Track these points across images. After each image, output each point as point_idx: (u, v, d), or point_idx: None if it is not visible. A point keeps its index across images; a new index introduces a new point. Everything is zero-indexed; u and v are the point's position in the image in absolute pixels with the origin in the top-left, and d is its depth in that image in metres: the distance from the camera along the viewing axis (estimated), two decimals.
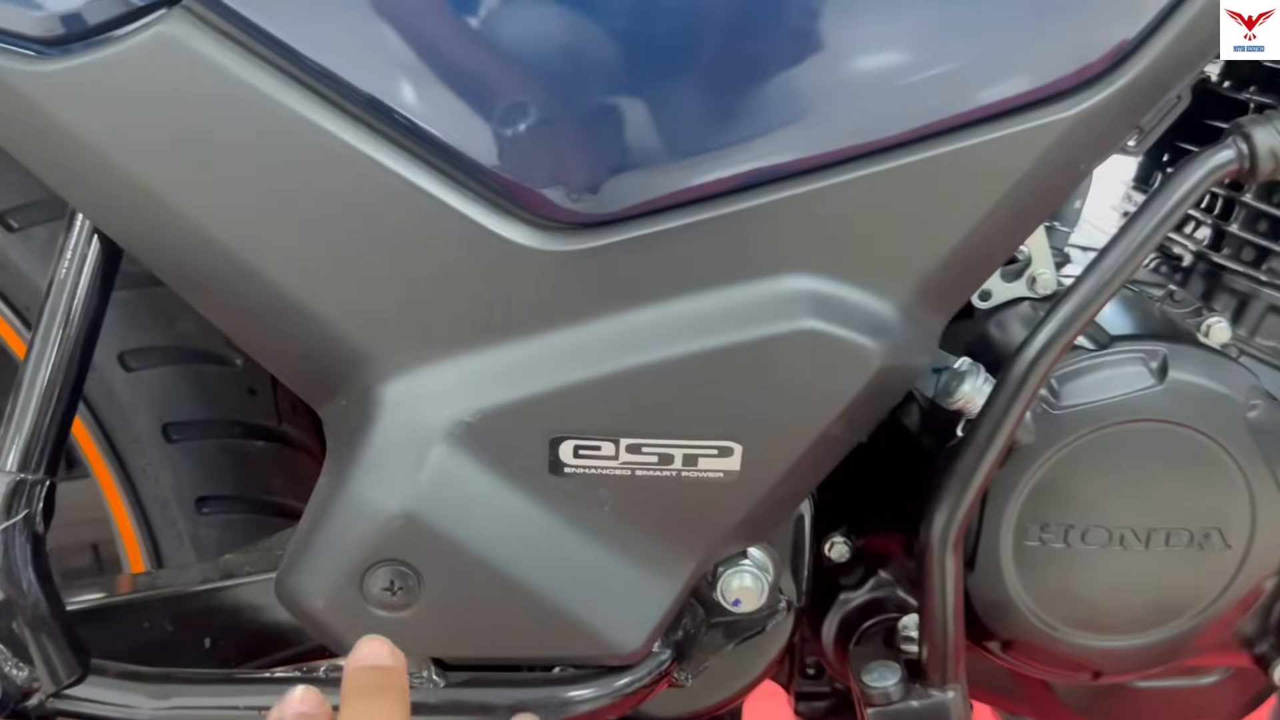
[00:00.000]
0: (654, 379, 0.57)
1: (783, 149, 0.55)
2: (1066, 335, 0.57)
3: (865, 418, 0.60)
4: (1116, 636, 0.66)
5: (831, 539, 0.73)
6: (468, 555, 0.58)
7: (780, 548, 0.67)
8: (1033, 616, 0.66)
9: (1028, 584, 0.65)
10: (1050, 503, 0.63)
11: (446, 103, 0.54)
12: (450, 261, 0.56)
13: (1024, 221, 0.59)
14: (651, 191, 0.55)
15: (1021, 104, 0.54)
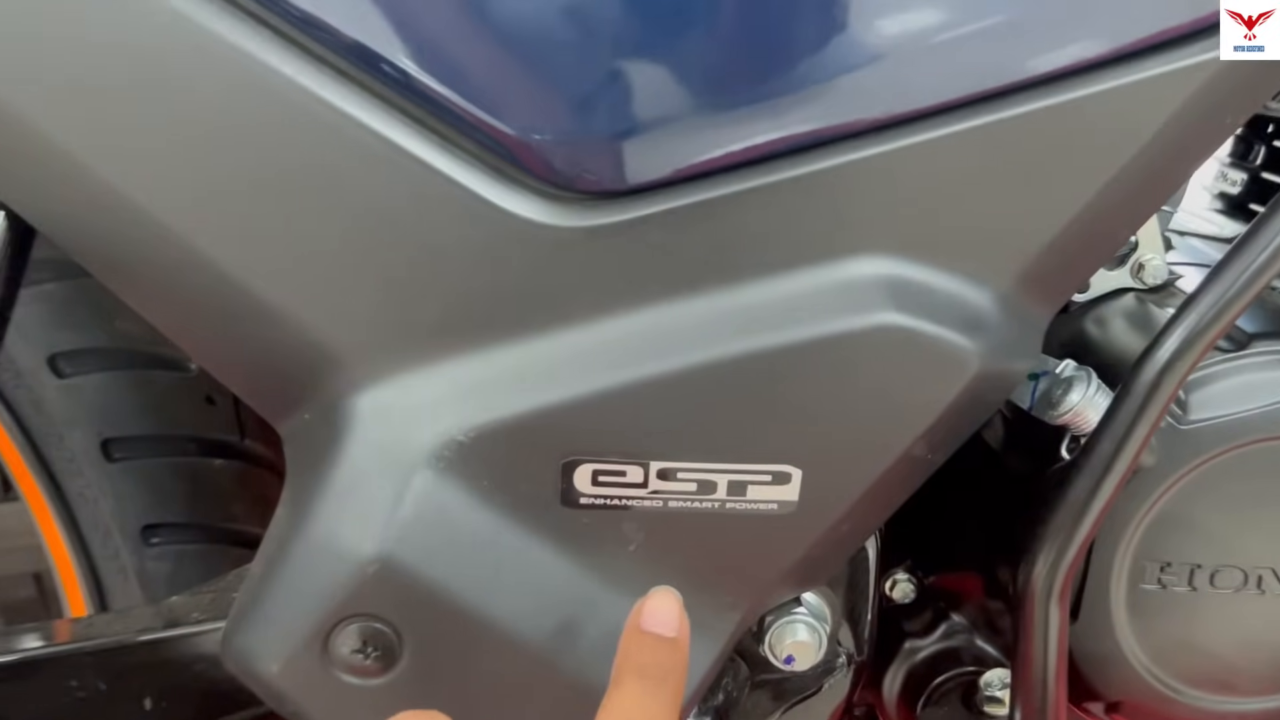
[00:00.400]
0: (692, 388, 0.45)
1: (856, 98, 0.43)
2: (1209, 335, 0.45)
3: (953, 435, 0.49)
4: (1248, 698, 0.55)
5: (893, 575, 0.62)
6: (459, 609, 0.46)
7: (839, 590, 0.56)
8: (1147, 674, 0.54)
9: (1142, 635, 0.54)
10: (1173, 538, 0.52)
11: (436, 43, 0.42)
12: (440, 242, 0.44)
13: (1158, 186, 0.47)
14: (691, 152, 0.44)
15: (1166, 39, 0.43)
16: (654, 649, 0.42)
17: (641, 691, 0.41)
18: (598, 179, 0.44)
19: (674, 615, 0.43)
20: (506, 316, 0.45)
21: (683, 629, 0.43)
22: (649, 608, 0.43)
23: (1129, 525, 0.52)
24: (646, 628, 0.42)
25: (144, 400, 0.67)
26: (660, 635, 0.42)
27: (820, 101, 0.43)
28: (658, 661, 0.42)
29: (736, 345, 0.45)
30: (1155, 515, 0.52)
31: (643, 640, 0.42)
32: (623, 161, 0.44)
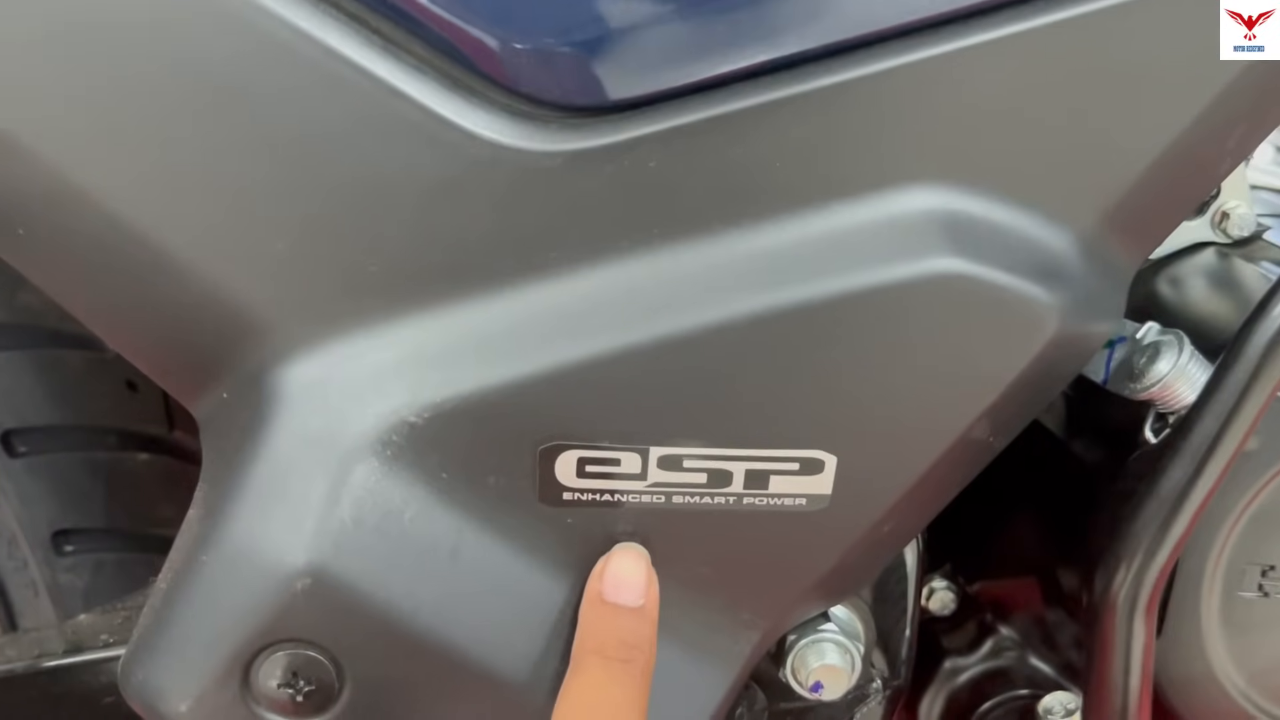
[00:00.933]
0: (701, 354, 0.36)
1: None
2: None
3: (1021, 412, 0.40)
4: None
5: (930, 583, 0.53)
6: (412, 632, 0.37)
7: (873, 601, 0.47)
8: (1241, 697, 0.46)
9: (1238, 652, 0.45)
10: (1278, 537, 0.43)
11: None
12: (384, 171, 0.35)
13: (1271, 108, 0.39)
14: (697, 57, 0.35)
15: None
16: (616, 622, 0.37)
17: (604, 675, 0.36)
18: (581, 91, 0.35)
19: (639, 579, 0.38)
20: (469, 266, 0.36)
21: (651, 594, 0.38)
22: (610, 572, 0.38)
23: (1225, 522, 0.43)
24: (608, 598, 0.38)
25: (53, 385, 0.57)
26: (623, 605, 0.37)
27: None
28: (621, 638, 0.37)
29: (754, 300, 0.36)
30: (1257, 509, 0.43)
31: (603, 612, 0.38)
32: (613, 69, 0.35)
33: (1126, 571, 0.40)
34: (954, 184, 0.36)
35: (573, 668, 0.37)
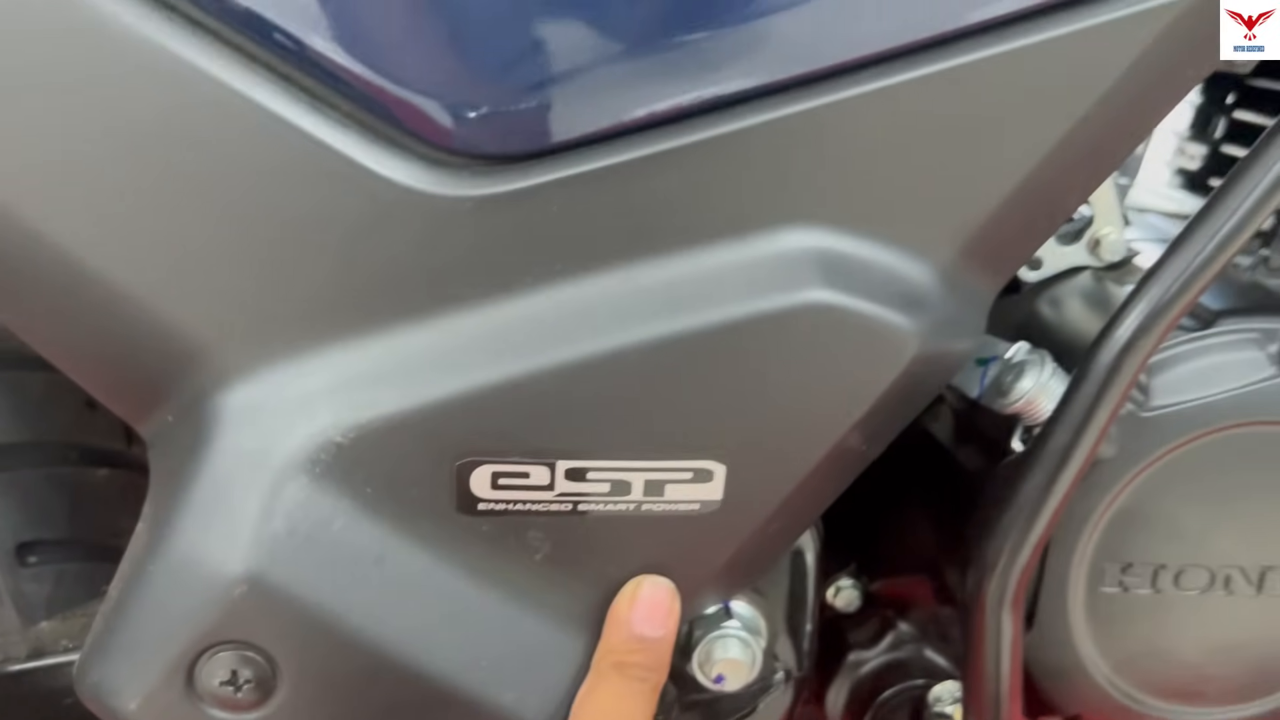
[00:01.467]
0: (601, 377, 0.40)
1: (779, 50, 0.39)
2: (1170, 314, 0.41)
3: (890, 423, 0.44)
4: (1217, 707, 0.51)
5: (837, 582, 0.57)
6: (343, 632, 0.41)
7: (775, 598, 0.51)
8: (1108, 684, 0.50)
9: (1103, 643, 0.49)
10: (1135, 536, 0.48)
11: None
12: (310, 215, 0.39)
13: (1113, 147, 0.43)
14: (596, 111, 0.39)
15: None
16: (640, 647, 0.42)
17: (623, 687, 0.41)
18: (490, 142, 0.39)
19: (664, 614, 0.42)
20: (389, 299, 0.40)
21: (672, 624, 0.43)
22: (642, 602, 0.42)
23: (1087, 523, 0.47)
24: (636, 628, 0.42)
25: (16, 405, 0.60)
26: (648, 637, 0.42)
27: (738, 53, 0.39)
28: (642, 661, 0.42)
29: (649, 328, 0.40)
30: (1115, 512, 0.47)
31: (630, 636, 0.42)
32: (519, 122, 0.39)
33: (994, 570, 0.44)
34: (827, 224, 0.41)
35: (594, 674, 0.42)
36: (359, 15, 0.38)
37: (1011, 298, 0.55)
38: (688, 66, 0.39)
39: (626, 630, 0.42)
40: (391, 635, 0.42)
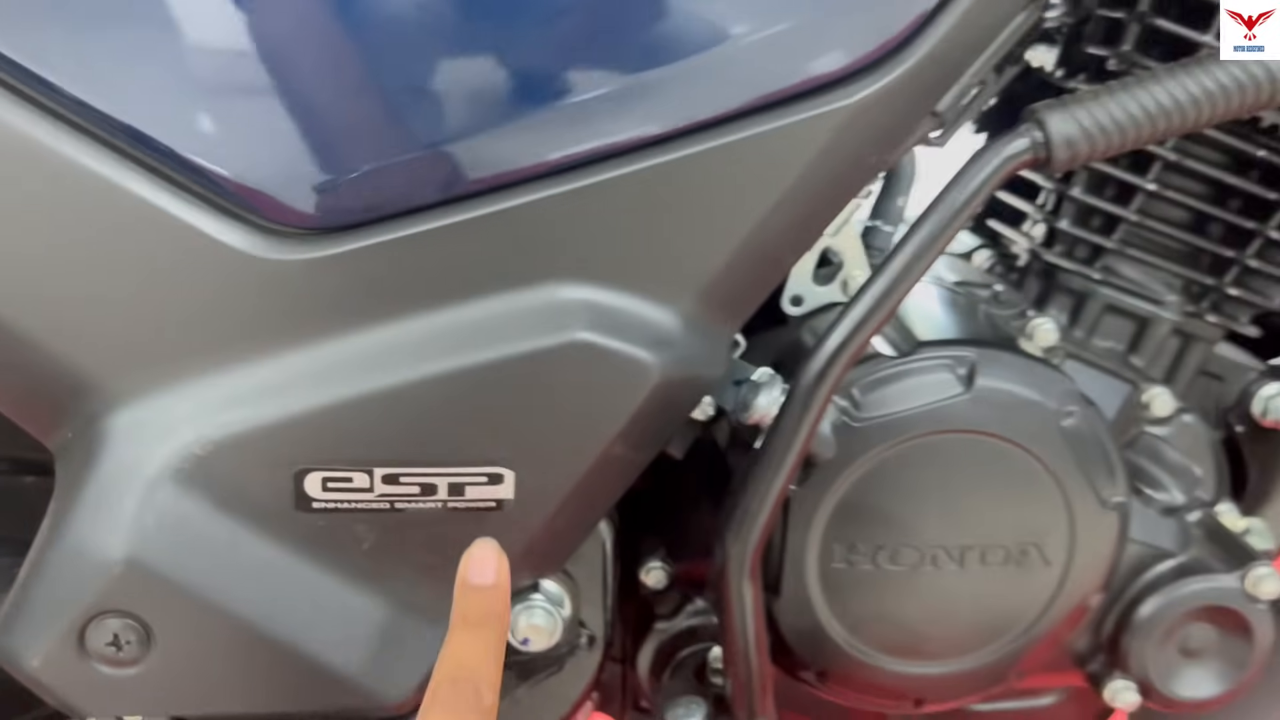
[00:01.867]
0: (409, 401, 0.51)
1: (543, 142, 0.50)
2: (856, 341, 0.52)
3: (650, 436, 0.56)
4: (936, 662, 0.62)
5: (649, 564, 0.68)
6: (203, 605, 0.52)
7: (580, 578, 0.62)
8: (845, 644, 0.61)
9: (837, 609, 0.61)
10: (856, 522, 0.59)
11: (156, 95, 0.48)
12: (170, 274, 0.49)
13: (813, 219, 0.55)
14: (398, 191, 0.50)
15: (797, 92, 0.50)
16: (476, 597, 0.47)
17: (466, 636, 0.46)
18: (310, 216, 0.50)
19: (490, 564, 0.47)
20: (237, 341, 0.51)
21: (502, 573, 0.47)
22: (470, 560, 0.47)
23: (817, 511, 0.59)
24: (469, 580, 0.47)
25: None
26: (481, 585, 0.47)
27: (509, 144, 0.50)
28: (479, 608, 0.47)
29: (446, 362, 0.51)
30: (839, 502, 0.59)
31: (465, 590, 0.47)
32: (335, 202, 0.50)
33: (735, 547, 0.56)
34: (590, 281, 0.51)
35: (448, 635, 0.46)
36: (208, 122, 0.48)
37: (780, 329, 0.66)
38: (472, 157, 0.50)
39: (462, 584, 0.47)
40: (243, 609, 0.52)
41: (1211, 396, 0.74)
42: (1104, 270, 0.68)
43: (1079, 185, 0.67)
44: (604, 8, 0.49)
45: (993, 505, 0.59)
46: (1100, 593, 0.62)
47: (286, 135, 0.49)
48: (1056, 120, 0.50)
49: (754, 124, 0.50)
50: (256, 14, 0.48)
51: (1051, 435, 0.58)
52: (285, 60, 0.48)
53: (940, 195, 0.52)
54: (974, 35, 0.52)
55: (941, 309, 0.67)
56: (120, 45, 0.48)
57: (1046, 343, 0.64)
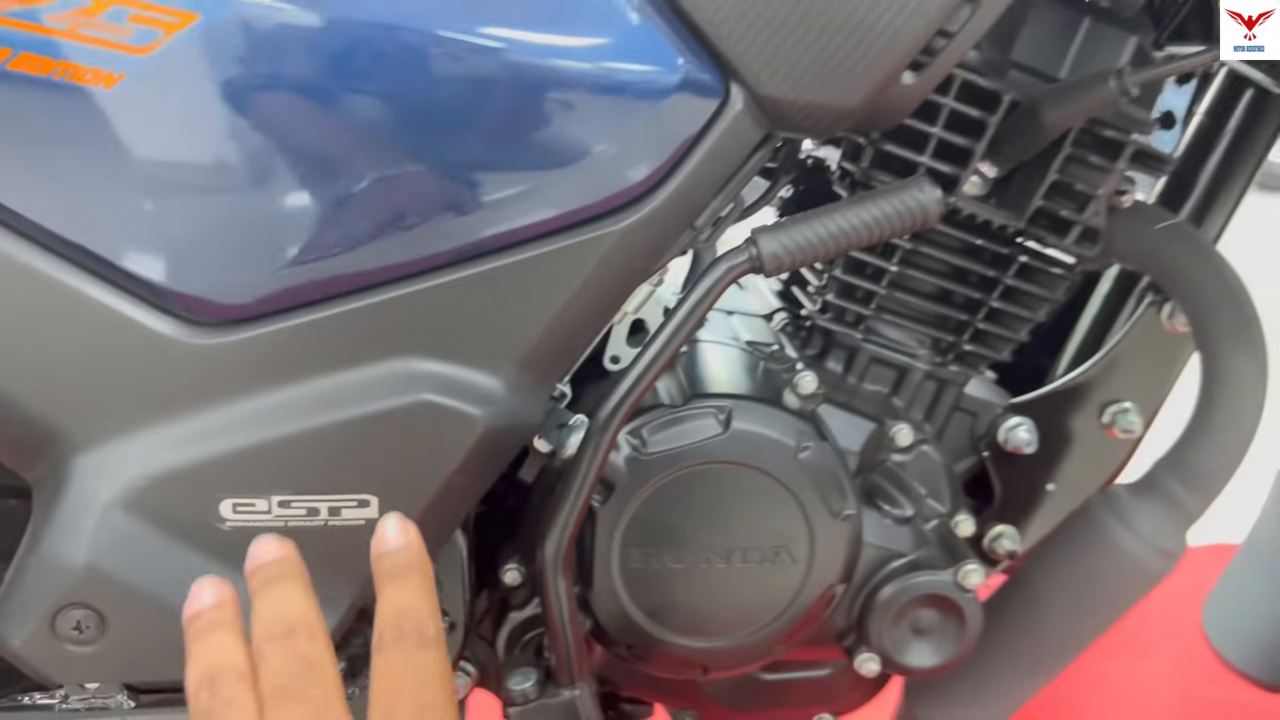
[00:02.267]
0: (297, 445, 0.69)
1: (390, 257, 0.68)
2: (628, 403, 0.71)
3: (483, 469, 0.74)
4: (715, 639, 0.81)
5: (507, 566, 0.86)
6: (144, 598, 0.69)
7: (444, 577, 0.80)
8: (645, 626, 0.80)
9: (637, 598, 0.79)
10: (647, 531, 0.77)
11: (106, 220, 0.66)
12: (117, 354, 0.67)
13: (600, 309, 0.73)
14: (285, 295, 0.68)
15: (574, 221, 0.68)
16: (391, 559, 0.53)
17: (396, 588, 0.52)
18: (222, 312, 0.68)
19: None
20: (168, 403, 0.69)
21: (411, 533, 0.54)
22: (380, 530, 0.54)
23: (617, 522, 0.77)
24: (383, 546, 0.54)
25: None
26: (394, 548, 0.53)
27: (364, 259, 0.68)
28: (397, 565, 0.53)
29: (326, 417, 0.69)
30: (633, 515, 0.77)
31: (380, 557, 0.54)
32: (237, 302, 0.68)
33: (550, 549, 0.74)
34: (429, 355, 0.70)
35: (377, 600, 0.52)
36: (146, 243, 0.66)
37: (602, 382, 0.84)
38: (344, 266, 0.68)
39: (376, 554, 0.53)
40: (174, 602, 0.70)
41: (965, 429, 0.94)
42: (866, 330, 0.87)
43: (839, 268, 0.86)
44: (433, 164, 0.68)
45: (749, 517, 0.78)
46: (842, 584, 0.81)
47: (206, 252, 0.67)
48: (765, 241, 0.69)
49: (548, 243, 0.68)
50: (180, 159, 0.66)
51: (791, 465, 0.77)
52: (202, 196, 0.66)
53: (686, 293, 0.71)
54: (713, 173, 0.70)
55: (730, 365, 0.86)
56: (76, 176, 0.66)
57: (807, 391, 0.82)
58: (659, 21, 0.66)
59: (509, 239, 0.68)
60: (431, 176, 0.67)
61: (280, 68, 0.62)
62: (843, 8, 0.64)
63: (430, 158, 0.67)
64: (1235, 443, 0.81)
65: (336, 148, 0.66)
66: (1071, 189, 0.81)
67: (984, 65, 0.79)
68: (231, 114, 0.63)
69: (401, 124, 0.65)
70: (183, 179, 0.66)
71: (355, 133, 0.65)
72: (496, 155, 0.67)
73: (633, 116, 0.67)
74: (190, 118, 0.63)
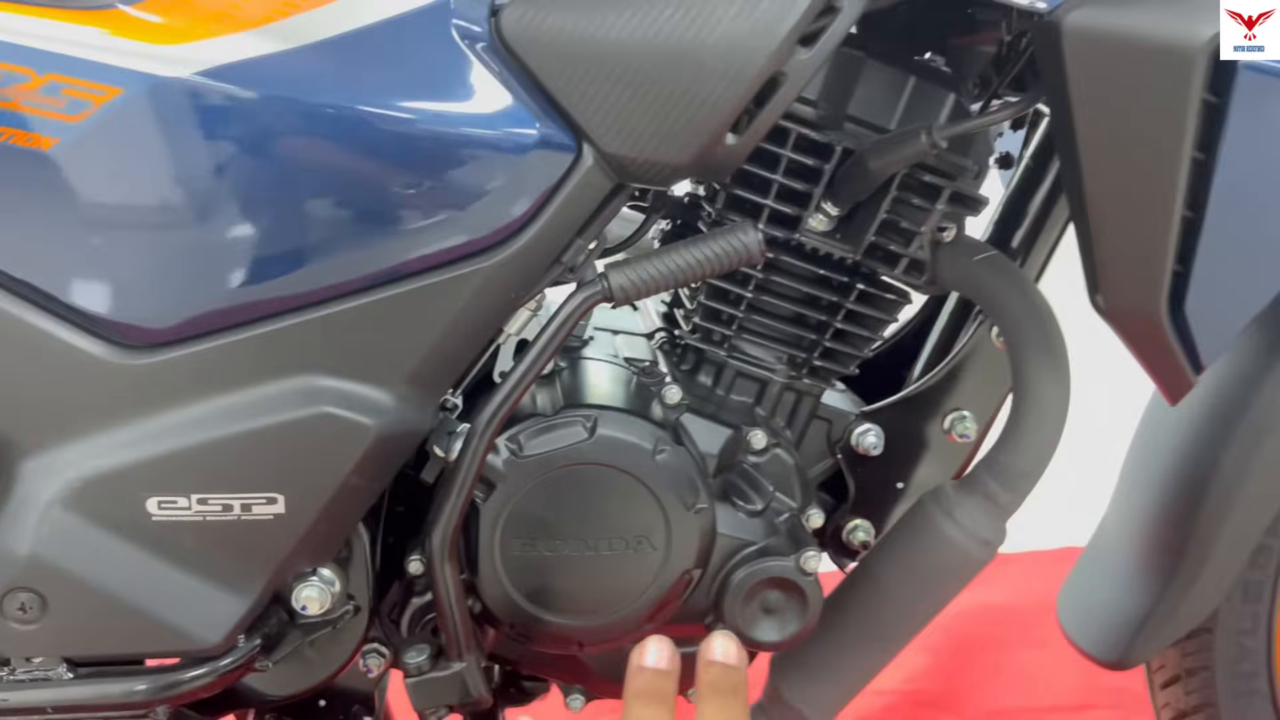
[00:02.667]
0: (214, 451, 0.81)
1: (293, 288, 0.79)
2: (501, 412, 0.82)
3: (377, 470, 0.85)
4: (588, 618, 0.93)
5: (411, 558, 0.97)
6: (81, 583, 0.81)
7: (349, 565, 0.92)
8: (526, 606, 0.91)
9: (517, 583, 0.90)
10: (525, 523, 0.89)
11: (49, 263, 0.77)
12: (57, 374, 0.79)
13: (480, 332, 0.85)
14: (204, 321, 0.79)
15: (452, 258, 0.80)
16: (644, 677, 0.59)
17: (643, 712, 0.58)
18: (148, 336, 0.79)
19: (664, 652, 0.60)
20: (101, 415, 0.80)
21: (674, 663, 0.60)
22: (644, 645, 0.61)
23: (499, 516, 0.88)
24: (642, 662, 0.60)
25: None
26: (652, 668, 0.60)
27: (274, 289, 0.79)
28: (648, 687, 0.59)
29: (238, 426, 0.81)
30: (512, 509, 0.88)
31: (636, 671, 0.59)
32: (161, 328, 0.79)
33: (436, 539, 0.85)
34: (328, 372, 0.81)
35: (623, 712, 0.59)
36: (83, 277, 0.78)
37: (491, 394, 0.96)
38: (255, 296, 0.80)
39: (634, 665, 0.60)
40: (109, 585, 0.81)
41: (823, 434, 1.06)
42: (730, 349, 0.99)
43: (703, 294, 0.98)
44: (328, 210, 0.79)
45: (614, 511, 0.90)
46: (698, 568, 0.93)
47: (134, 285, 0.78)
48: (614, 275, 0.81)
49: (429, 276, 0.80)
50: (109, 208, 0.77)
51: (649, 465, 0.89)
52: (129, 238, 0.78)
53: (549, 321, 0.82)
54: (572, 218, 0.82)
55: (605, 379, 0.97)
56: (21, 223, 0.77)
57: (672, 401, 0.94)
58: (519, 91, 0.78)
59: (396, 273, 0.80)
60: (327, 220, 0.79)
61: (190, 131, 0.74)
62: (671, 81, 0.76)
63: (325, 205, 0.79)
64: (1042, 447, 0.93)
65: (243, 199, 0.78)
66: (899, 226, 0.93)
67: (821, 119, 0.91)
68: (151, 170, 0.75)
69: (300, 178, 0.77)
70: (112, 224, 0.77)
71: (259, 186, 0.77)
72: (381, 203, 0.79)
73: (498, 171, 0.79)
74: (117, 174, 0.75)
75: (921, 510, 0.97)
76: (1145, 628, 1.13)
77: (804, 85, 0.79)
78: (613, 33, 0.77)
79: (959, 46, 1.02)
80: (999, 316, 0.95)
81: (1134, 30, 0.76)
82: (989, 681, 1.85)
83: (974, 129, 0.91)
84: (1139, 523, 1.16)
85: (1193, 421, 1.11)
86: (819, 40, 0.77)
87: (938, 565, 0.97)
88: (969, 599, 2.07)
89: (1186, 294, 0.82)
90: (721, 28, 0.75)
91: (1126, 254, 0.83)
